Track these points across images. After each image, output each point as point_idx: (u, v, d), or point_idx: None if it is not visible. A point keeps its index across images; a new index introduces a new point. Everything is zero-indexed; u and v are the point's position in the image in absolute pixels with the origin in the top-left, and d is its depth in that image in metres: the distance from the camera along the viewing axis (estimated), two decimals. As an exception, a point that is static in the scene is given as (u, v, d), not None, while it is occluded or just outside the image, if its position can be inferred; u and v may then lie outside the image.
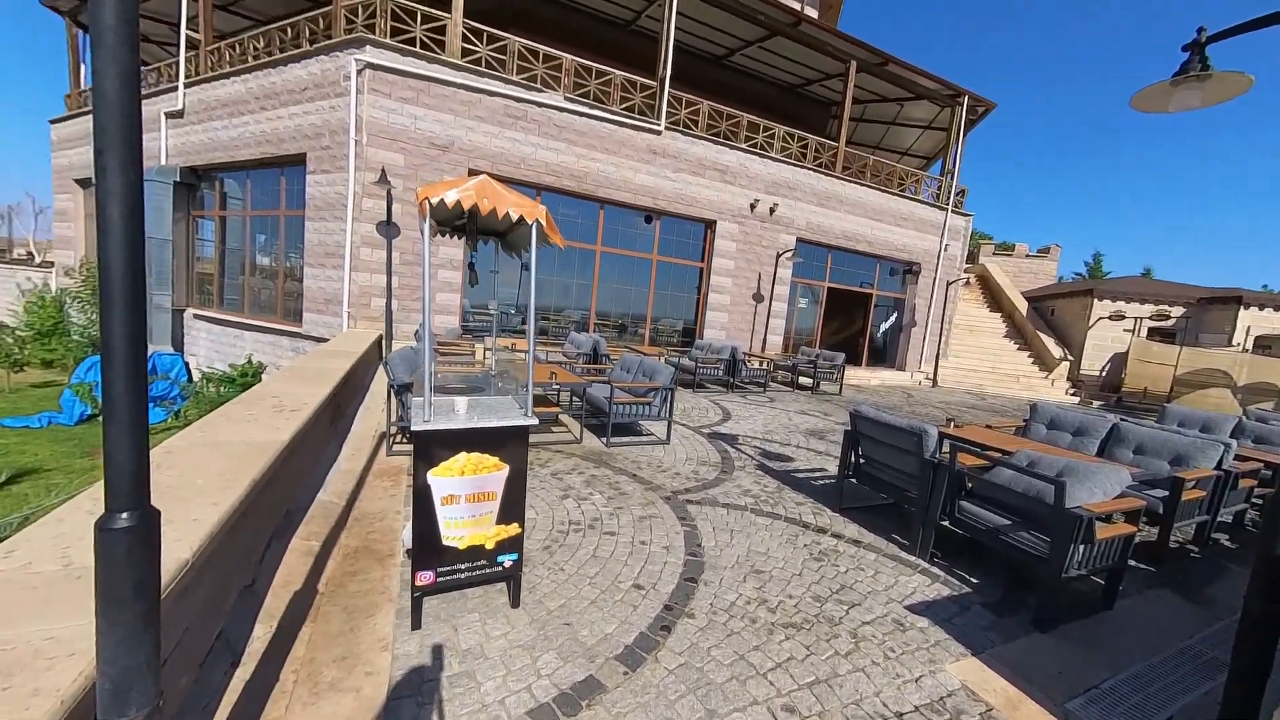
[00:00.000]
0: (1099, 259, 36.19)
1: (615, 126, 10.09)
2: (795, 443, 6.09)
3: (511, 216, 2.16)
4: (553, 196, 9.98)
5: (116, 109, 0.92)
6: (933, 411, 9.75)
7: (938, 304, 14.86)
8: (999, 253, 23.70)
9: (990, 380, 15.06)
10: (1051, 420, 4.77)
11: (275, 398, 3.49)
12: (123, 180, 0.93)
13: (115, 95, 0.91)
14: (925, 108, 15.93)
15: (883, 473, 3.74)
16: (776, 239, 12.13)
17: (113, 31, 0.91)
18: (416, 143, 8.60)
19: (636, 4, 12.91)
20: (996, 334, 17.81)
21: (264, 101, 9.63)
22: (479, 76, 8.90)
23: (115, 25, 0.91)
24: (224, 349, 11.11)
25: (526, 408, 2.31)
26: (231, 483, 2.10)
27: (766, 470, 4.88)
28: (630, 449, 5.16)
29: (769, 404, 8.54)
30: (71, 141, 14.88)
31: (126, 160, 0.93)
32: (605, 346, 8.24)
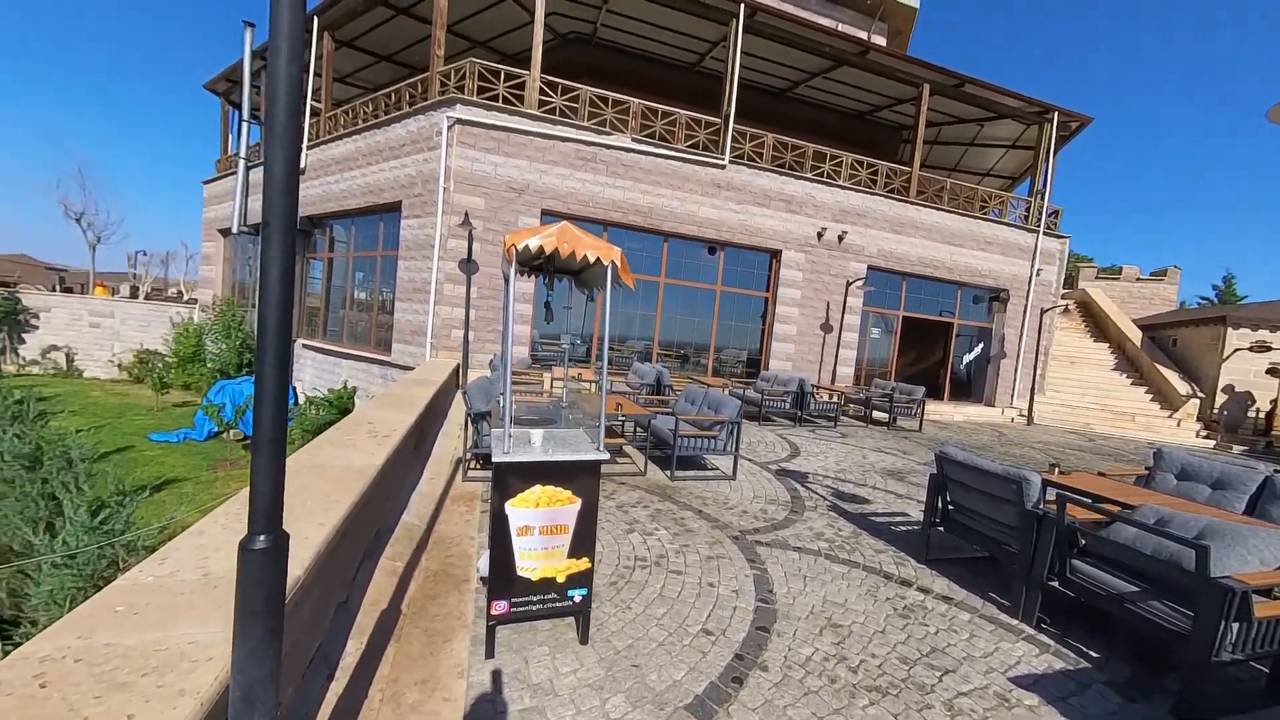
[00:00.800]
0: (1231, 281, 31.65)
1: (680, 163, 10.38)
2: (871, 483, 5.71)
3: (589, 259, 2.28)
4: (619, 231, 10.34)
5: (282, 188, 1.09)
6: (1030, 453, 8.81)
7: (1030, 333, 13.60)
8: (1103, 276, 21.41)
9: (1099, 419, 13.40)
10: (1183, 470, 4.14)
11: (370, 424, 3.81)
12: (281, 248, 1.10)
13: (281, 177, 1.09)
14: (1009, 126, 15.04)
15: (976, 522, 3.41)
16: (846, 267, 11.75)
17: (282, 126, 1.10)
18: (496, 187, 9.30)
19: (701, 47, 13.40)
20: (1103, 366, 15.92)
21: (369, 157, 10.89)
22: (553, 124, 9.55)
23: (285, 121, 1.10)
24: (325, 375, 12.32)
25: (598, 442, 2.36)
26: (334, 504, 2.30)
27: (840, 512, 4.60)
28: (695, 483, 5.07)
29: (840, 440, 8.11)
30: (218, 198, 17.54)
31: (285, 231, 1.10)
32: (669, 377, 8.27)
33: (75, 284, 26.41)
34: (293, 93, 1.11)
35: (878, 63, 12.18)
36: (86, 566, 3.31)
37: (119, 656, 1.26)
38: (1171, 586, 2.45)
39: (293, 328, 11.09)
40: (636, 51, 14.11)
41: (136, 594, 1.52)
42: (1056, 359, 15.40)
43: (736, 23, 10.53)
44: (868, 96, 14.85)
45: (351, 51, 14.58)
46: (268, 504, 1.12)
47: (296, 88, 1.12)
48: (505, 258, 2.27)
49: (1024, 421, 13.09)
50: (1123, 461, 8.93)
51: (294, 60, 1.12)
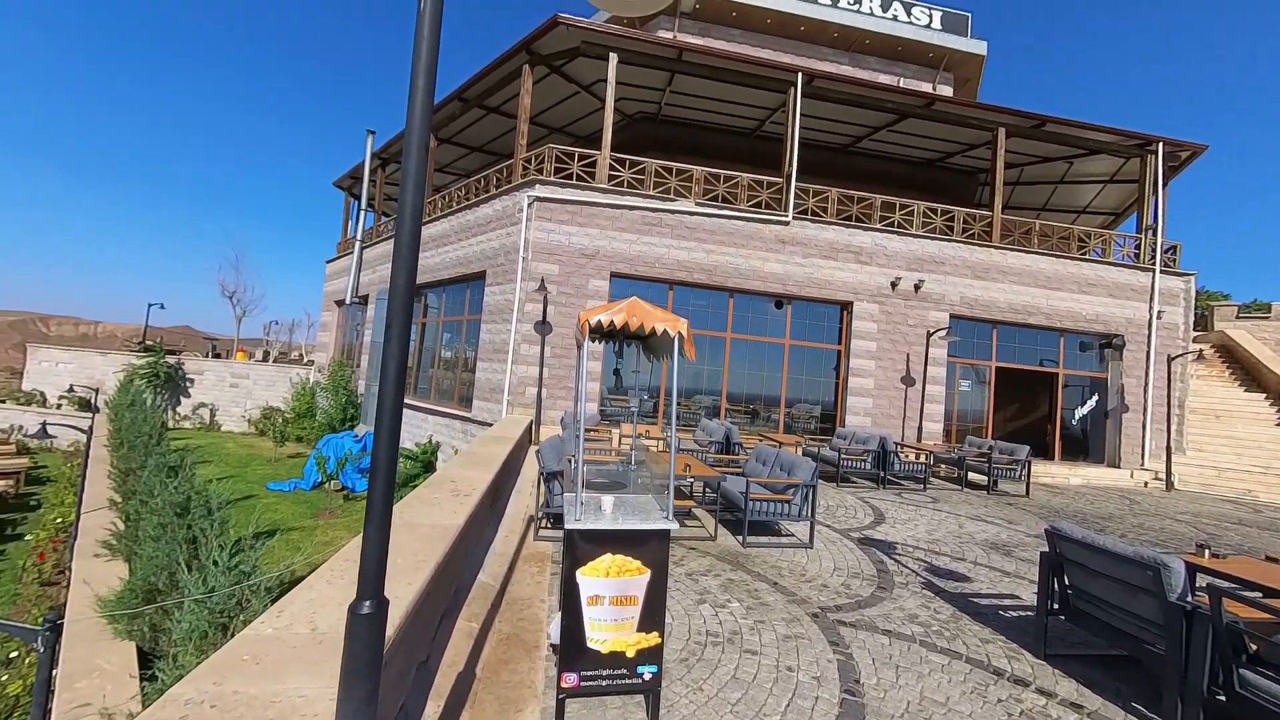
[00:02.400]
0: None
1: (742, 222, 10.64)
2: (971, 557, 5.11)
3: (657, 331, 2.40)
4: (684, 290, 10.63)
5: (403, 298, 1.31)
6: (1173, 526, 7.48)
7: (1159, 383, 11.89)
8: (1246, 315, 18.48)
9: (1263, 485, 11.16)
10: (1391, 559, 3.33)
11: (453, 482, 4.07)
12: (399, 345, 1.30)
13: (402, 289, 1.31)
14: (1104, 161, 14.02)
15: (1106, 613, 2.93)
16: (925, 316, 11.15)
17: (406, 247, 1.33)
18: (569, 254, 10.02)
19: (760, 114, 14.01)
20: (1263, 421, 13.42)
21: (460, 234, 12.21)
22: (621, 195, 10.26)
23: (408, 242, 1.33)
24: (412, 429, 13.32)
25: (667, 510, 2.37)
26: (421, 564, 2.46)
27: (935, 590, 4.14)
28: (769, 551, 4.82)
29: (931, 505, 7.39)
30: (337, 275, 20.28)
31: (403, 333, 1.31)
32: (738, 435, 8.09)
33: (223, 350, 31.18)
34: (415, 213, 1.35)
35: (944, 112, 12.04)
36: (218, 605, 3.72)
37: (244, 704, 1.42)
38: (1391, 717, 1.94)
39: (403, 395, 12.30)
40: (699, 124, 15.00)
41: (260, 645, 1.71)
42: (1197, 412, 13.25)
43: (794, 90, 10.97)
44: (937, 144, 14.59)
45: (450, 146, 16.79)
46: (374, 572, 1.26)
47: (419, 203, 1.36)
48: (580, 331, 2.45)
49: (1161, 486, 11.19)
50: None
51: (420, 170, 1.36)
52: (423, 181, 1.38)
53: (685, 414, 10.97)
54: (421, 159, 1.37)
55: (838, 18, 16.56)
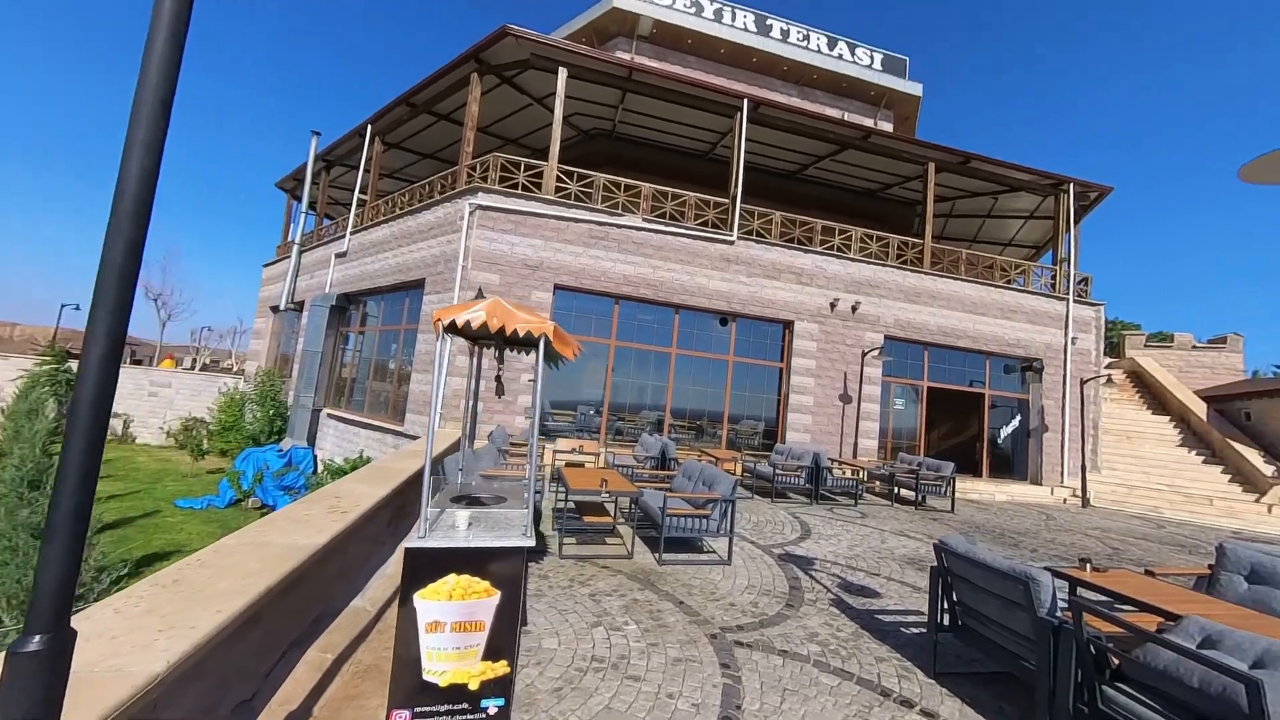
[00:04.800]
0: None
1: (689, 239, 10.75)
2: (886, 572, 5.13)
3: (519, 333, 2.25)
4: (630, 304, 10.58)
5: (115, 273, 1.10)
6: (1082, 542, 7.84)
7: (1074, 405, 12.67)
8: (1153, 345, 20.15)
9: (1168, 502, 11.98)
10: (1254, 570, 3.51)
11: (336, 497, 3.73)
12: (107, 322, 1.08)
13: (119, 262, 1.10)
14: (1026, 198, 15.10)
15: (988, 629, 2.92)
16: (861, 337, 11.51)
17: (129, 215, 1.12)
18: (511, 264, 9.80)
19: (711, 137, 14.36)
20: (1165, 441, 14.51)
21: (401, 240, 11.79)
22: (568, 207, 10.18)
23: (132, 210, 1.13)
24: (345, 444, 12.57)
25: (526, 527, 2.19)
26: (248, 588, 2.17)
27: (843, 608, 4.09)
28: (685, 568, 4.68)
29: (859, 520, 7.47)
30: (273, 280, 19.20)
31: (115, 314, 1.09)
32: (674, 450, 7.99)
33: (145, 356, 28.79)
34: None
35: (881, 145, 12.68)
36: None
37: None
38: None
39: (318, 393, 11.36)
40: (652, 143, 15.23)
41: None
42: (1110, 433, 14.19)
43: (741, 115, 11.30)
44: (877, 175, 15.34)
45: (399, 151, 16.35)
46: (52, 599, 1.02)
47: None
48: (435, 332, 2.27)
49: (1079, 503, 11.82)
50: (1199, 554, 7.79)
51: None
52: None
53: (630, 429, 10.81)
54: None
55: (788, 53, 17.35)
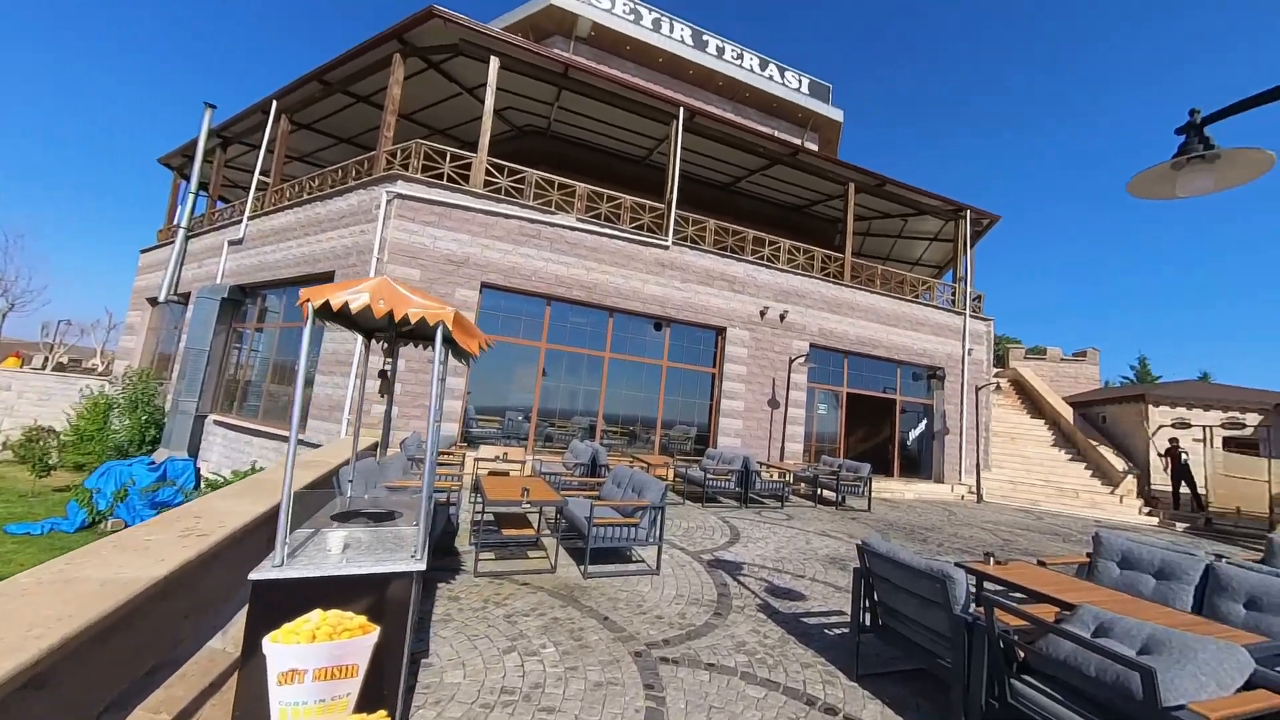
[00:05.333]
0: (1145, 363, 34.46)
1: (624, 242, 10.62)
2: (811, 573, 5.20)
3: (410, 319, 1.93)
4: (563, 306, 10.25)
5: None
6: (979, 534, 8.52)
7: (970, 410, 13.94)
8: (1031, 357, 22.83)
9: (1045, 495, 13.46)
10: (1124, 557, 3.88)
11: (196, 517, 3.12)
12: None
13: None
14: (931, 221, 16.51)
15: (907, 628, 2.95)
16: (789, 345, 11.94)
17: None
18: (434, 259, 9.15)
19: (649, 143, 14.41)
20: (1042, 442, 16.37)
21: (308, 228, 10.68)
22: (497, 202, 9.69)
23: None
24: (234, 454, 11.11)
25: (417, 547, 1.87)
26: (30, 642, 1.67)
27: (771, 613, 4.05)
28: (612, 580, 4.44)
29: (786, 522, 7.63)
30: (153, 267, 16.78)
31: None
32: (605, 456, 7.75)
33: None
34: None
35: (807, 163, 13.35)
36: None
37: None
38: (1124, 716, 2.04)
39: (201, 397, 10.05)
40: (590, 145, 15.03)
41: None
42: (999, 435, 15.76)
43: (677, 122, 11.40)
44: (804, 193, 16.15)
45: (312, 133, 14.93)
46: None
47: None
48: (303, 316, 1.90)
49: (974, 499, 12.97)
50: (1071, 541, 8.74)
51: None
52: None
53: (561, 435, 10.44)
54: None
55: (723, 69, 17.89)
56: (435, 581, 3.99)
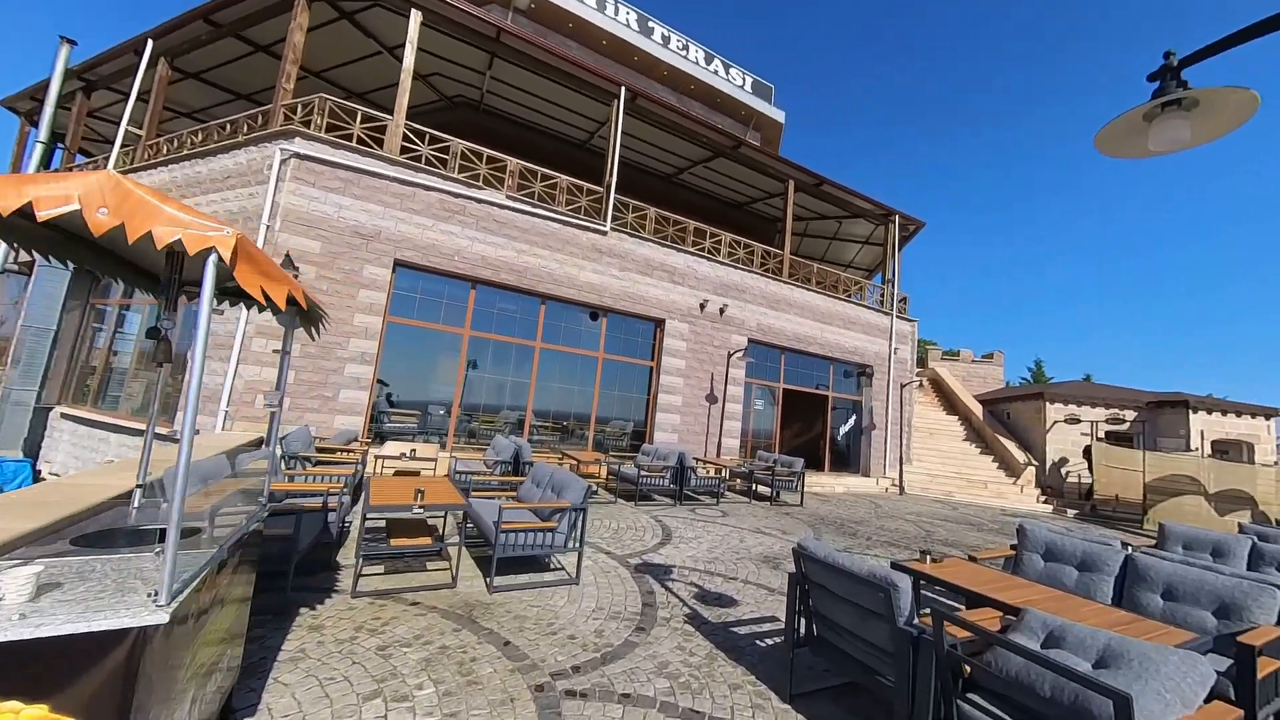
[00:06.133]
0: (1040, 365, 38.22)
1: (560, 225, 9.97)
2: (744, 575, 4.90)
3: (155, 239, 1.27)
4: (490, 290, 9.45)
5: None
6: (903, 526, 8.72)
7: (894, 406, 14.54)
8: (946, 358, 24.50)
9: (958, 486, 14.31)
10: (1048, 549, 3.84)
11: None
12: None
13: None
14: (863, 225, 17.10)
15: (846, 641, 2.64)
16: (728, 339, 11.81)
17: None
18: (338, 231, 8.06)
19: (590, 126, 13.80)
20: (955, 437, 17.49)
21: (189, 189, 9.15)
22: (416, 172, 8.73)
23: None
24: (86, 453, 9.35)
25: (161, 588, 1.23)
26: None
27: (699, 624, 3.66)
28: (523, 594, 3.88)
29: (720, 520, 7.37)
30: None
31: None
32: (530, 453, 7.11)
33: None
34: None
35: (749, 157, 13.28)
36: None
37: None
38: (1080, 740, 1.78)
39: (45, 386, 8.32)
40: (526, 123, 14.18)
41: None
42: (919, 430, 16.62)
43: (618, 102, 10.88)
44: (745, 189, 16.17)
45: (203, 86, 12.99)
46: None
47: None
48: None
49: (897, 491, 13.52)
50: (985, 530, 9.18)
51: None
52: None
53: (486, 430, 9.64)
54: None
55: (667, 58, 17.57)
56: (296, 607, 3.25)
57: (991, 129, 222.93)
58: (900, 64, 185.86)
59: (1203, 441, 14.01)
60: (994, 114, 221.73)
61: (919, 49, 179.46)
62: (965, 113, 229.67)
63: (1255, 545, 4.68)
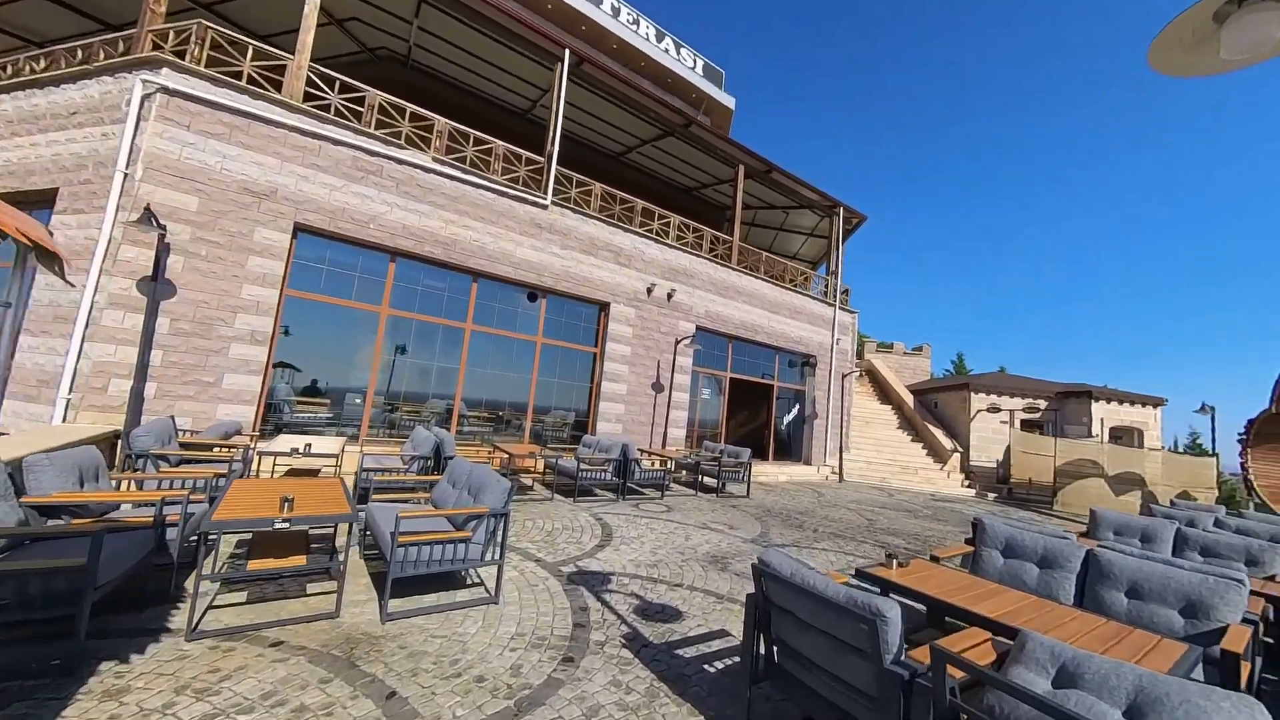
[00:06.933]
0: (961, 358, 41.07)
1: (495, 195, 9.05)
2: (689, 580, 4.44)
3: None
4: (412, 265, 8.42)
5: None
6: (847, 515, 8.69)
7: (835, 396, 14.78)
8: (881, 350, 25.57)
9: (891, 473, 14.81)
10: (1008, 545, 3.63)
11: None
12: None
13: None
14: (808, 216, 17.21)
15: (814, 677, 2.18)
16: (675, 325, 11.37)
17: None
18: (221, 185, 6.77)
19: (530, 93, 12.81)
20: (889, 425, 18.19)
21: (21, 125, 7.39)
22: (323, 123, 7.52)
23: None
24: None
25: None
26: None
27: (639, 647, 3.13)
28: (426, 621, 3.18)
29: (665, 515, 6.92)
30: None
31: None
32: (453, 446, 6.30)
33: None
34: None
35: (701, 137, 12.83)
36: None
37: None
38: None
39: None
40: (460, 84, 12.95)
41: None
42: (856, 419, 17.09)
43: (562, 66, 10.03)
44: (695, 173, 15.76)
45: (54, 6, 10.76)
46: None
47: None
48: None
49: (836, 479, 13.76)
50: (920, 516, 9.35)
51: None
52: None
53: (408, 422, 8.64)
54: None
55: (617, 30, 16.70)
56: (95, 660, 2.39)
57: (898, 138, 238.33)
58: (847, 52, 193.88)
59: (1102, 428, 15.30)
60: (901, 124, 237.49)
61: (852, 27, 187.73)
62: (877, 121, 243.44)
63: (1180, 530, 4.79)
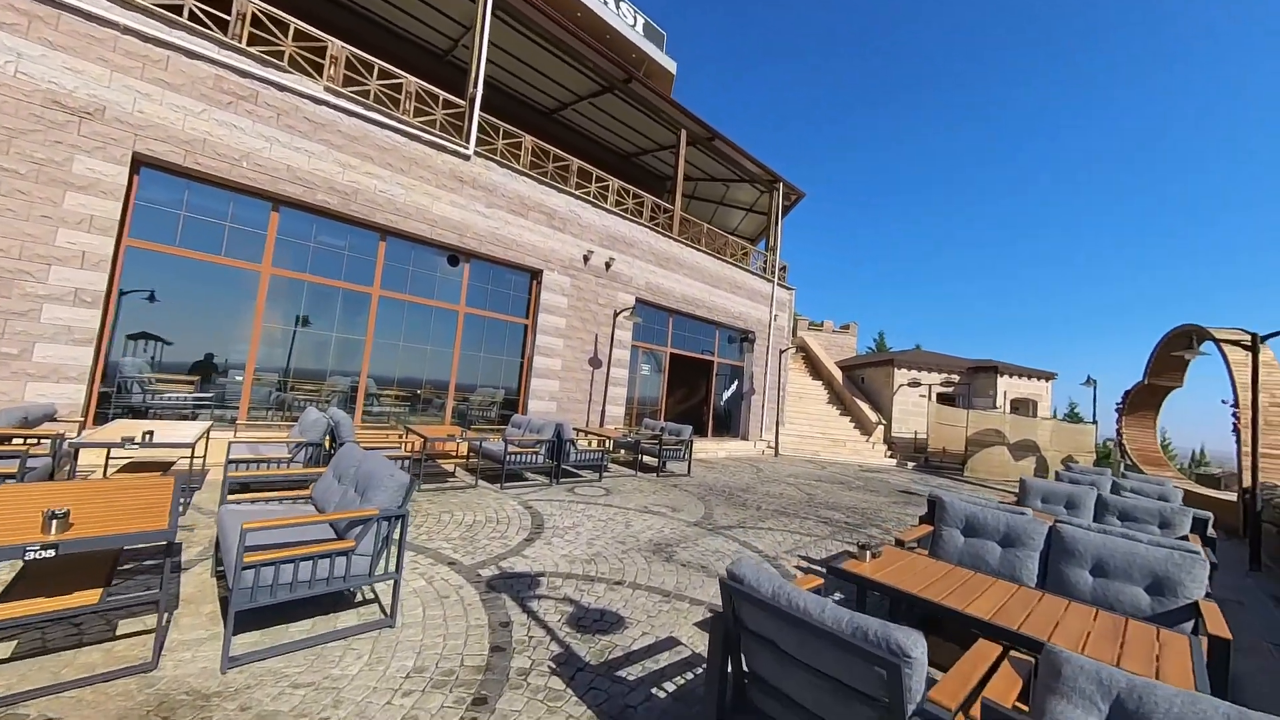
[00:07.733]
0: (883, 335, 43.81)
1: (405, 139, 7.80)
2: (631, 575, 3.93)
3: None
4: (301, 215, 7.07)
5: None
6: (787, 490, 8.63)
7: (773, 372, 14.90)
8: (813, 328, 26.45)
9: (823, 446, 15.28)
10: (968, 523, 3.43)
11: None
12: None
13: None
14: (748, 191, 16.99)
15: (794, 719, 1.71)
16: (614, 297, 10.70)
17: None
18: (17, 96, 5.14)
19: (451, 31, 11.33)
20: (820, 400, 18.82)
21: None
22: (171, 27, 5.95)
23: None
24: None
25: None
26: None
27: (573, 672, 2.56)
28: (287, 663, 2.41)
29: (603, 499, 6.38)
30: None
31: None
32: (350, 430, 5.31)
33: None
34: None
35: (642, 96, 12.01)
36: None
37: None
38: None
39: None
40: (366, 11, 11.16)
41: None
42: (790, 394, 17.47)
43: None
44: (635, 137, 14.92)
45: None
46: None
47: None
48: None
49: (773, 454, 13.94)
50: (854, 488, 9.54)
51: None
52: None
53: (300, 403, 7.40)
54: None
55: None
56: None
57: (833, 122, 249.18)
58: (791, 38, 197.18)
59: (1005, 400, 16.69)
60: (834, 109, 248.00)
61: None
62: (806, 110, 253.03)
63: (1101, 496, 4.94)
